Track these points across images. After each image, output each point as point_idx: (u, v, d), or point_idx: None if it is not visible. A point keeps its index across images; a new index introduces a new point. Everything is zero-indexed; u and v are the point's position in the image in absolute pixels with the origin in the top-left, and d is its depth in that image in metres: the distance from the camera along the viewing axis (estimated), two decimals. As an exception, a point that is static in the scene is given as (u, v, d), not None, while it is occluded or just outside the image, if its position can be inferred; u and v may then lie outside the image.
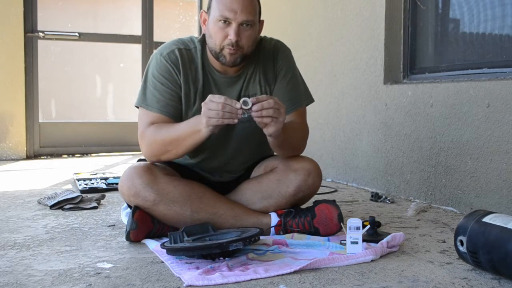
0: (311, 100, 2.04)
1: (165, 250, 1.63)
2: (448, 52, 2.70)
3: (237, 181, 2.05)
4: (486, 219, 1.50)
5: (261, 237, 1.73)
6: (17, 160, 4.34)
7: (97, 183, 3.02)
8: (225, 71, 1.92)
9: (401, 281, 1.46)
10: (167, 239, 1.73)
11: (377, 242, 1.74)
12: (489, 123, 2.23)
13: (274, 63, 1.97)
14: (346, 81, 3.19)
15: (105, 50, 5.60)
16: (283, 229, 1.90)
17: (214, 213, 1.87)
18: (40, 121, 4.57)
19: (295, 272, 1.50)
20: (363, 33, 3.02)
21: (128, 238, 1.82)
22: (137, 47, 4.99)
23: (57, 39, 4.71)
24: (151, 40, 4.93)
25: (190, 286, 1.40)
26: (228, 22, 1.79)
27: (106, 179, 3.13)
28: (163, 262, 1.61)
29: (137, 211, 1.82)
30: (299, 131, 1.94)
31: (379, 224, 2.00)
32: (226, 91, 1.91)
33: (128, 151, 4.86)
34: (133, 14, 5.34)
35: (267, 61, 1.96)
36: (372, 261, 1.62)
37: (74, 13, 5.53)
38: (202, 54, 1.93)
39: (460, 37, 2.67)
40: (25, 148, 4.43)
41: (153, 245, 1.77)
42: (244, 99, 1.64)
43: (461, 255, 1.55)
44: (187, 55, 1.91)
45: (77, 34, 4.72)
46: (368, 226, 1.81)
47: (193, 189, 1.88)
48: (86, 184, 2.97)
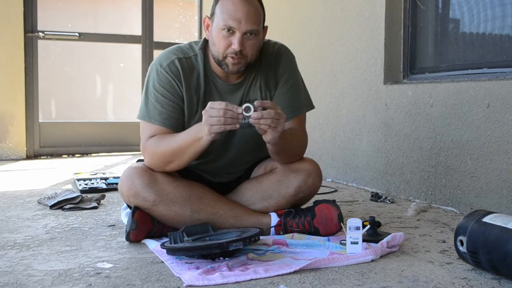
0: (311, 107, 2.02)
1: (165, 250, 1.63)
2: (448, 52, 2.70)
3: (237, 181, 2.05)
4: (486, 219, 1.50)
5: (261, 237, 1.73)
6: (17, 160, 4.34)
7: (97, 183, 3.02)
8: (227, 78, 1.91)
9: (401, 281, 1.46)
10: (167, 239, 1.73)
11: (377, 242, 1.74)
12: (489, 123, 2.23)
13: (276, 68, 1.95)
14: (346, 81, 3.19)
15: (105, 50, 5.60)
16: (283, 229, 1.90)
17: (214, 213, 1.87)
18: (40, 121, 4.57)
19: (295, 272, 1.50)
20: (363, 33, 3.02)
21: (128, 238, 1.82)
22: (137, 47, 4.98)
23: (57, 39, 4.71)
24: (151, 40, 4.93)
25: (190, 286, 1.40)
26: (232, 31, 1.76)
27: (106, 179, 3.13)
28: (163, 262, 1.61)
29: (137, 211, 1.82)
30: (297, 138, 1.93)
31: (379, 224, 2.00)
32: (228, 98, 1.89)
33: (128, 151, 4.86)
34: (133, 14, 5.34)
35: (269, 66, 1.95)
36: (372, 261, 1.62)
37: (74, 13, 5.53)
38: (204, 61, 1.90)
39: (460, 37, 2.67)
40: (25, 148, 4.43)
41: (153, 245, 1.77)
42: (247, 105, 1.63)
43: (461, 255, 1.55)
44: (187, 64, 1.89)
45: (77, 34, 4.72)
46: (368, 226, 1.81)
47: (193, 190, 1.88)
48: (86, 184, 2.97)
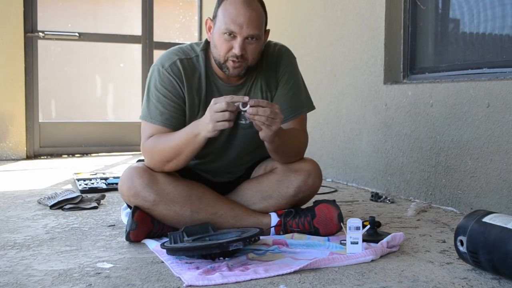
0: (312, 108, 2.02)
1: (165, 250, 1.63)
2: (448, 52, 2.70)
3: (237, 181, 2.05)
4: (486, 219, 1.50)
5: (261, 237, 1.73)
6: (17, 160, 4.34)
7: (97, 183, 3.02)
8: (228, 79, 1.91)
9: (401, 281, 1.46)
10: (167, 239, 1.73)
11: (377, 242, 1.74)
12: (489, 123, 2.23)
13: (277, 69, 1.95)
14: (346, 81, 3.19)
15: (105, 50, 5.59)
16: (283, 229, 1.90)
17: (214, 213, 1.87)
18: (40, 121, 4.57)
19: (295, 272, 1.50)
20: (363, 33, 3.02)
21: (128, 238, 1.82)
22: (137, 47, 4.98)
23: (57, 39, 4.71)
24: (151, 40, 4.93)
25: (190, 286, 1.40)
26: (233, 35, 1.77)
27: (106, 179, 3.13)
28: (163, 262, 1.61)
29: (137, 211, 1.82)
30: (297, 138, 1.93)
31: (379, 224, 2.00)
32: None
33: (128, 151, 4.86)
34: (133, 14, 5.34)
35: (269, 67, 1.95)
36: (372, 261, 1.62)
37: (74, 13, 5.53)
38: (205, 62, 1.90)
39: (460, 37, 2.67)
40: (25, 148, 4.43)
41: (153, 245, 1.77)
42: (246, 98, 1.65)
43: (461, 255, 1.55)
44: (188, 65, 1.89)
45: (77, 34, 4.72)
46: (368, 226, 1.81)
47: (193, 189, 1.88)
48: (86, 184, 2.97)
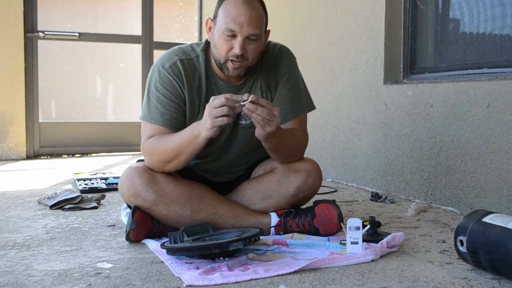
0: (312, 108, 2.02)
1: (165, 250, 1.63)
2: (448, 52, 2.70)
3: (237, 181, 2.05)
4: (486, 219, 1.50)
5: (261, 237, 1.73)
6: (17, 160, 4.34)
7: (97, 183, 3.02)
8: (228, 79, 1.91)
9: (401, 281, 1.46)
10: (167, 239, 1.73)
11: (377, 242, 1.74)
12: (489, 123, 2.23)
13: (277, 70, 1.96)
14: (346, 81, 3.19)
15: (105, 50, 5.59)
16: (283, 229, 1.90)
17: (214, 213, 1.87)
18: (40, 121, 4.57)
19: (295, 272, 1.50)
20: (363, 33, 3.02)
21: (128, 238, 1.82)
22: (137, 47, 4.98)
23: (57, 39, 4.71)
24: (151, 40, 4.93)
25: (190, 286, 1.40)
26: (233, 35, 1.77)
27: (106, 179, 3.13)
28: (163, 262, 1.61)
29: (137, 211, 1.82)
30: (296, 138, 1.93)
31: (379, 224, 2.00)
32: None
33: (128, 151, 4.86)
34: (133, 14, 5.34)
35: (269, 67, 1.95)
36: (372, 261, 1.62)
37: (74, 13, 5.53)
38: (206, 63, 1.91)
39: (460, 37, 2.67)
40: (25, 148, 4.43)
41: (153, 245, 1.77)
42: (246, 94, 1.65)
43: (461, 255, 1.55)
44: (189, 65, 1.89)
45: (77, 34, 4.72)
46: (368, 226, 1.81)
47: (193, 189, 1.88)
48: (86, 184, 2.97)
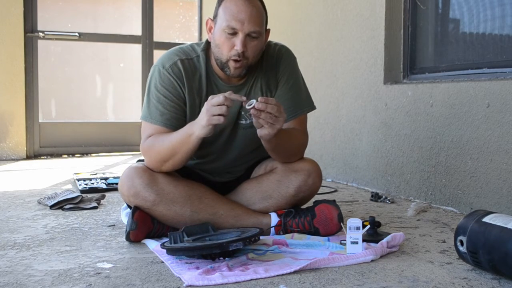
0: (312, 108, 2.02)
1: (165, 250, 1.63)
2: (448, 52, 2.70)
3: (237, 181, 2.05)
4: (486, 219, 1.50)
5: (261, 237, 1.73)
6: (17, 160, 4.34)
7: (97, 183, 3.02)
8: (228, 79, 1.91)
9: (401, 281, 1.46)
10: (167, 239, 1.73)
11: (377, 242, 1.74)
12: (489, 123, 2.23)
13: (277, 69, 1.96)
14: (346, 81, 3.19)
15: (105, 50, 5.59)
16: (283, 229, 1.90)
17: (214, 213, 1.87)
18: (40, 121, 4.57)
19: (295, 272, 1.50)
20: (363, 33, 3.02)
21: (128, 238, 1.82)
22: (137, 47, 4.98)
23: (57, 39, 4.71)
24: (151, 40, 4.93)
25: (190, 286, 1.40)
26: (234, 32, 1.77)
27: (106, 179, 3.13)
28: (163, 262, 1.61)
29: (137, 211, 1.82)
30: (296, 138, 1.93)
31: (379, 224, 2.00)
32: None
33: (128, 151, 4.86)
34: (133, 14, 5.34)
35: (269, 67, 1.95)
36: (372, 261, 1.62)
37: (74, 13, 5.53)
38: (206, 63, 1.90)
39: (460, 37, 2.67)
40: (25, 148, 4.43)
41: (153, 245, 1.77)
42: (252, 100, 1.65)
43: (461, 255, 1.55)
44: (189, 65, 1.89)
45: (77, 34, 4.72)
46: (368, 226, 1.81)
47: (193, 189, 1.88)
48: (86, 184, 2.97)
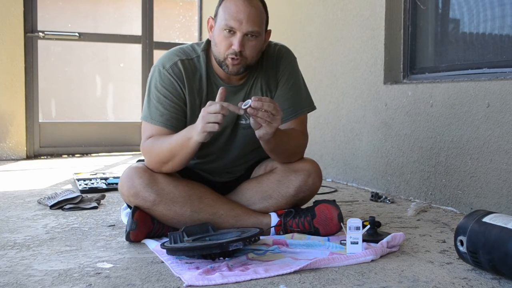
0: (312, 108, 2.02)
1: (165, 250, 1.63)
2: (448, 52, 2.70)
3: (237, 181, 2.05)
4: (486, 219, 1.50)
5: (261, 237, 1.73)
6: (17, 160, 4.34)
7: (97, 183, 3.02)
8: (229, 79, 1.91)
9: (401, 281, 1.46)
10: (167, 239, 1.73)
11: (377, 242, 1.74)
12: (489, 123, 2.23)
13: (277, 70, 1.96)
14: (346, 81, 3.19)
15: (105, 50, 5.59)
16: (283, 229, 1.90)
17: (214, 213, 1.87)
18: (40, 121, 4.57)
19: (295, 272, 1.50)
20: (363, 33, 3.02)
21: (128, 238, 1.82)
22: (137, 47, 4.98)
23: (57, 39, 4.70)
24: (151, 40, 4.93)
25: (190, 286, 1.40)
26: (233, 32, 1.77)
27: (106, 179, 3.13)
28: (163, 262, 1.61)
29: (137, 211, 1.82)
30: (296, 138, 1.92)
31: (379, 224, 2.00)
32: (230, 99, 1.88)
33: (128, 151, 4.86)
34: (133, 14, 5.34)
35: (269, 67, 1.95)
36: (372, 261, 1.63)
37: (74, 13, 5.53)
38: (206, 63, 1.91)
39: (460, 37, 2.67)
40: (25, 148, 4.43)
41: (153, 245, 1.77)
42: (247, 100, 1.64)
43: (461, 255, 1.55)
44: (189, 65, 1.89)
45: (77, 34, 4.72)
46: (368, 226, 1.81)
47: (193, 189, 1.88)
48: (86, 184, 2.97)
